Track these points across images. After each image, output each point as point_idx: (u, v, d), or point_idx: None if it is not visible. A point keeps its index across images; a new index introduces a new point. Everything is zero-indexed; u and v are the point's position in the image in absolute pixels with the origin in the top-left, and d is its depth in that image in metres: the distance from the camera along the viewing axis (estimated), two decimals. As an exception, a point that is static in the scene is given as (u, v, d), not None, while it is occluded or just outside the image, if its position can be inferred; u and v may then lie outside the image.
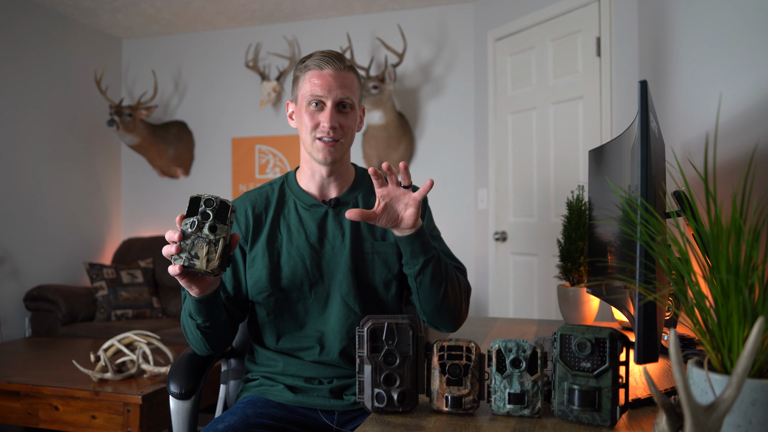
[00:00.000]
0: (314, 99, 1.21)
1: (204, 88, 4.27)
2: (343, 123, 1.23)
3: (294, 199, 1.29)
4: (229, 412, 1.19)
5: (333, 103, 1.21)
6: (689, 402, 0.53)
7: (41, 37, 3.75)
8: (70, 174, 3.99)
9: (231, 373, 1.41)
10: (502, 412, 0.84)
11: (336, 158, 1.24)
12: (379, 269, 1.26)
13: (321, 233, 1.26)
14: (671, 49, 1.92)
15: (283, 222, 1.27)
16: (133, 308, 3.67)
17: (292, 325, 1.25)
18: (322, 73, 1.21)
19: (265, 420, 1.16)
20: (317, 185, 1.29)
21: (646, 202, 0.78)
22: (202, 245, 0.99)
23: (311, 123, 1.22)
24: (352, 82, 1.24)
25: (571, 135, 2.90)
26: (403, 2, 3.72)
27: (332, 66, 1.22)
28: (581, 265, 1.57)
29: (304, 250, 1.24)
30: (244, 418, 1.15)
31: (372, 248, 1.27)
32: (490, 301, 3.44)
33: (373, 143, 3.70)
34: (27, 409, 2.24)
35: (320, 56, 1.22)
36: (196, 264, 0.99)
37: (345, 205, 1.29)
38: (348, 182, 1.32)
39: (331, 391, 1.22)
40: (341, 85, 1.21)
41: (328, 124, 1.20)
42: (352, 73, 1.25)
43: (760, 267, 0.60)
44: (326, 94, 1.21)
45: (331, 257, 1.25)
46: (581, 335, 0.79)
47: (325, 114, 1.21)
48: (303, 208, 1.28)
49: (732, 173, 1.29)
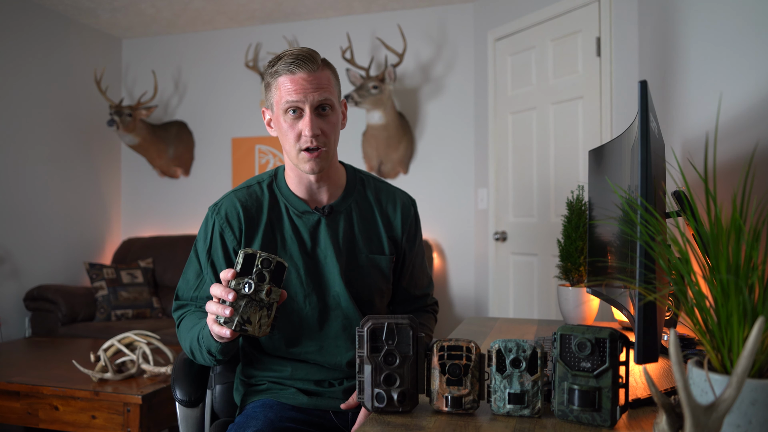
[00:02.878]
0: (290, 106, 1.13)
1: (204, 88, 4.27)
2: (325, 128, 1.15)
3: (285, 204, 1.23)
4: (248, 416, 1.16)
5: (311, 107, 1.13)
6: (689, 402, 0.53)
7: (41, 37, 3.75)
8: (70, 174, 3.99)
9: (217, 378, 1.36)
10: (502, 412, 0.84)
11: (323, 167, 1.18)
12: (373, 281, 1.24)
13: (314, 242, 1.22)
14: (671, 49, 1.92)
15: (276, 228, 1.22)
16: (133, 308, 3.67)
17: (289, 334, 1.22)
18: (295, 78, 1.12)
19: (287, 423, 1.14)
20: (306, 190, 1.23)
21: (646, 202, 0.78)
22: (256, 309, 0.93)
23: (293, 134, 1.14)
24: (328, 80, 1.15)
25: (571, 135, 2.90)
26: (403, 2, 3.72)
27: (305, 68, 1.12)
28: (581, 265, 1.57)
29: (297, 260, 1.20)
30: (268, 422, 1.12)
31: (367, 260, 1.24)
32: (490, 301, 3.44)
33: (373, 143, 3.70)
34: (27, 409, 2.24)
35: (290, 59, 1.12)
36: (248, 330, 0.93)
37: (339, 213, 1.24)
38: (339, 186, 1.26)
39: (345, 392, 1.21)
40: (317, 87, 1.13)
41: (310, 133, 1.13)
42: (327, 70, 1.16)
43: (760, 267, 0.60)
44: (302, 99, 1.12)
45: (325, 267, 1.21)
46: (581, 335, 0.79)
47: (305, 121, 1.13)
48: (295, 215, 1.23)
49: (732, 173, 1.29)
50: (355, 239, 1.24)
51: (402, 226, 1.30)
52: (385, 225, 1.28)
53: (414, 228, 1.33)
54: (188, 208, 4.26)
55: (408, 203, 1.33)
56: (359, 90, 3.43)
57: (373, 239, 1.26)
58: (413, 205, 1.34)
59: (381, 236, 1.27)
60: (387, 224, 1.29)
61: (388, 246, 1.27)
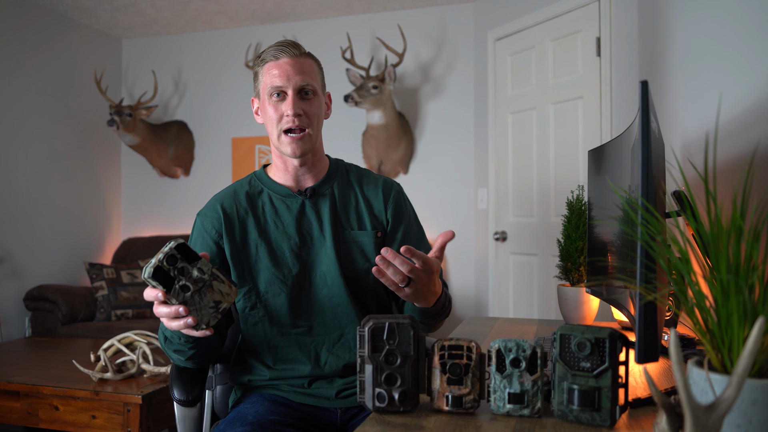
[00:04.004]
0: (275, 90, 1.20)
1: (204, 88, 4.27)
2: (307, 110, 1.21)
3: (268, 192, 1.28)
4: (238, 411, 1.17)
5: (294, 90, 1.20)
6: (689, 402, 0.53)
7: (41, 37, 3.75)
8: (70, 174, 3.99)
9: (217, 379, 1.36)
10: (502, 411, 0.84)
11: (305, 150, 1.22)
12: (358, 258, 1.26)
13: (298, 224, 1.25)
14: (671, 48, 1.92)
15: (259, 215, 1.25)
16: (133, 308, 3.67)
17: (280, 321, 1.23)
18: (279, 63, 1.20)
19: (278, 417, 1.15)
20: (292, 177, 1.27)
21: (647, 202, 0.78)
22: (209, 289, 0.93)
23: (276, 115, 1.20)
24: (311, 67, 1.23)
25: (571, 135, 2.91)
26: (403, 2, 3.72)
27: (288, 54, 1.20)
28: (581, 265, 1.57)
29: (283, 243, 1.23)
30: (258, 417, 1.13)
31: (350, 237, 1.26)
32: (490, 301, 3.44)
33: (373, 143, 3.70)
34: (27, 409, 2.24)
35: (275, 47, 1.21)
36: (224, 305, 0.93)
37: (321, 195, 1.28)
38: (322, 172, 1.30)
39: (337, 393, 1.22)
40: (300, 71, 1.20)
41: (292, 112, 1.19)
42: (310, 59, 1.24)
43: (760, 267, 0.60)
44: (286, 83, 1.19)
45: (311, 248, 1.24)
46: (581, 335, 0.79)
47: (287, 103, 1.19)
48: (278, 200, 1.26)
49: (732, 173, 1.29)
50: (338, 218, 1.27)
51: (384, 201, 1.32)
52: (366, 203, 1.31)
53: (400, 202, 1.34)
54: (188, 208, 4.26)
55: (390, 183, 1.35)
56: (359, 90, 3.43)
57: (356, 217, 1.29)
58: (395, 185, 1.36)
59: (362, 214, 1.30)
60: (368, 203, 1.31)
61: (370, 222, 1.29)
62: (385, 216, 1.31)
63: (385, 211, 1.32)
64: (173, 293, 0.90)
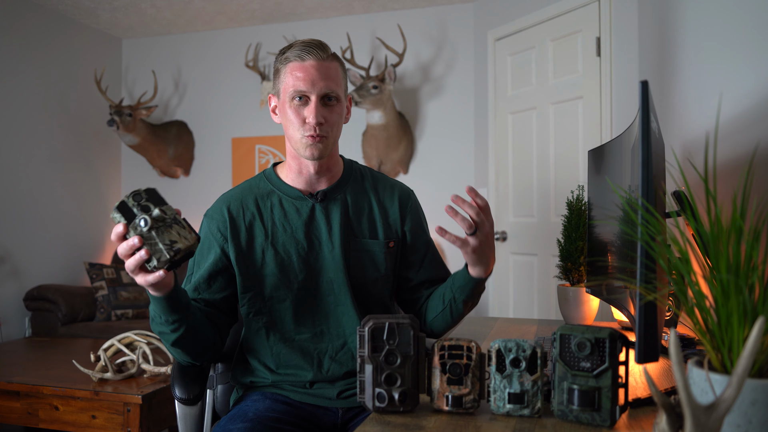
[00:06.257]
0: (297, 93, 1.15)
1: (204, 88, 4.27)
2: (329, 117, 1.17)
3: (278, 193, 1.25)
4: (239, 409, 1.17)
5: (318, 96, 1.15)
6: (689, 402, 0.53)
7: (41, 37, 3.75)
8: (70, 174, 3.99)
9: (219, 378, 1.36)
10: (502, 411, 0.84)
11: (324, 154, 1.19)
12: (368, 266, 1.24)
13: (307, 228, 1.22)
14: (671, 48, 1.92)
15: (267, 217, 1.23)
16: (133, 308, 3.67)
17: (284, 327, 1.22)
18: (304, 65, 1.15)
19: (278, 415, 1.15)
20: (305, 181, 1.24)
21: (647, 202, 0.78)
22: (167, 230, 0.95)
23: (297, 120, 1.16)
24: (336, 72, 1.18)
25: (571, 135, 2.90)
26: (403, 2, 3.72)
27: (314, 56, 1.15)
28: (581, 265, 1.57)
29: (290, 246, 1.21)
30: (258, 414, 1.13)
31: (361, 246, 1.24)
32: (490, 301, 3.44)
33: (373, 143, 3.70)
34: (27, 409, 2.24)
35: (301, 46, 1.16)
36: (180, 246, 0.94)
37: (333, 200, 1.25)
38: (337, 177, 1.27)
39: (338, 394, 1.22)
40: (325, 77, 1.15)
41: (314, 120, 1.14)
42: (336, 62, 1.19)
43: (760, 267, 0.60)
44: (310, 88, 1.14)
45: (319, 253, 1.22)
46: (581, 335, 0.79)
47: (310, 109, 1.15)
48: (288, 202, 1.23)
49: (732, 173, 1.29)
50: (350, 225, 1.24)
51: (401, 211, 1.29)
52: (381, 211, 1.28)
53: (418, 215, 1.33)
54: (188, 208, 4.25)
55: (407, 193, 1.34)
56: (359, 90, 3.43)
57: (369, 225, 1.26)
58: (412, 195, 1.35)
59: (376, 222, 1.27)
60: (383, 210, 1.29)
61: (383, 230, 1.26)
62: (401, 227, 1.29)
63: (402, 222, 1.29)
64: (132, 226, 0.94)
